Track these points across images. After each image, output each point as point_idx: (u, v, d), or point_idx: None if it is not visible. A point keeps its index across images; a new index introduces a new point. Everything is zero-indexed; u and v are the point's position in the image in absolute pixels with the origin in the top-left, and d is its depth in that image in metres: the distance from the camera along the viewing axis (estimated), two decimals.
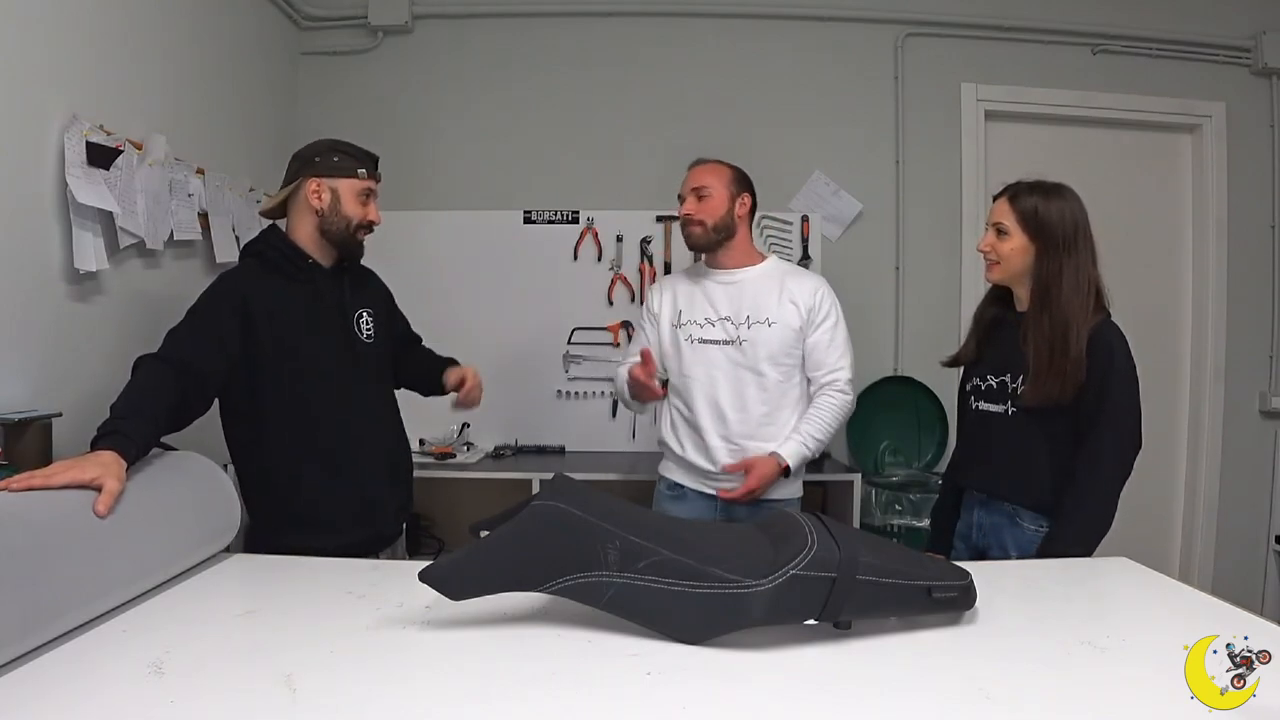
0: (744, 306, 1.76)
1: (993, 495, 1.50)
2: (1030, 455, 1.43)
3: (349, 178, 1.54)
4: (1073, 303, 1.39)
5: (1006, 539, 1.46)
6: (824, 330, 1.76)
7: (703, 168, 1.83)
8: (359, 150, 1.59)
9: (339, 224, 1.54)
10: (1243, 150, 2.94)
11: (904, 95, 2.89)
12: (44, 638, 0.80)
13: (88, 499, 0.93)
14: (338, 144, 1.58)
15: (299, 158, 1.58)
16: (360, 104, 2.87)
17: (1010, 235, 1.46)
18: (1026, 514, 1.44)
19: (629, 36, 2.89)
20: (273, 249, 1.54)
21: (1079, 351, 1.36)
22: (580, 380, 2.83)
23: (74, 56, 1.70)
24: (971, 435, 1.58)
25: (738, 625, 0.83)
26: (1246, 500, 2.96)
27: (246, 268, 1.54)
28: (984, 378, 1.53)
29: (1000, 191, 1.52)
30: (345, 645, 0.85)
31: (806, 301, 1.75)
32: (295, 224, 1.56)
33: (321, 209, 1.53)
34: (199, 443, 1.74)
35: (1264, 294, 2.96)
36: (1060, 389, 1.37)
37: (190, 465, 1.22)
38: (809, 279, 1.82)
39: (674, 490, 1.82)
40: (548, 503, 0.86)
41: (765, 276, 1.80)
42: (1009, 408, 1.46)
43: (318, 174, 1.53)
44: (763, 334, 1.73)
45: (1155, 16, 2.91)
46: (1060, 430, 1.41)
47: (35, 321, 1.60)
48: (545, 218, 2.86)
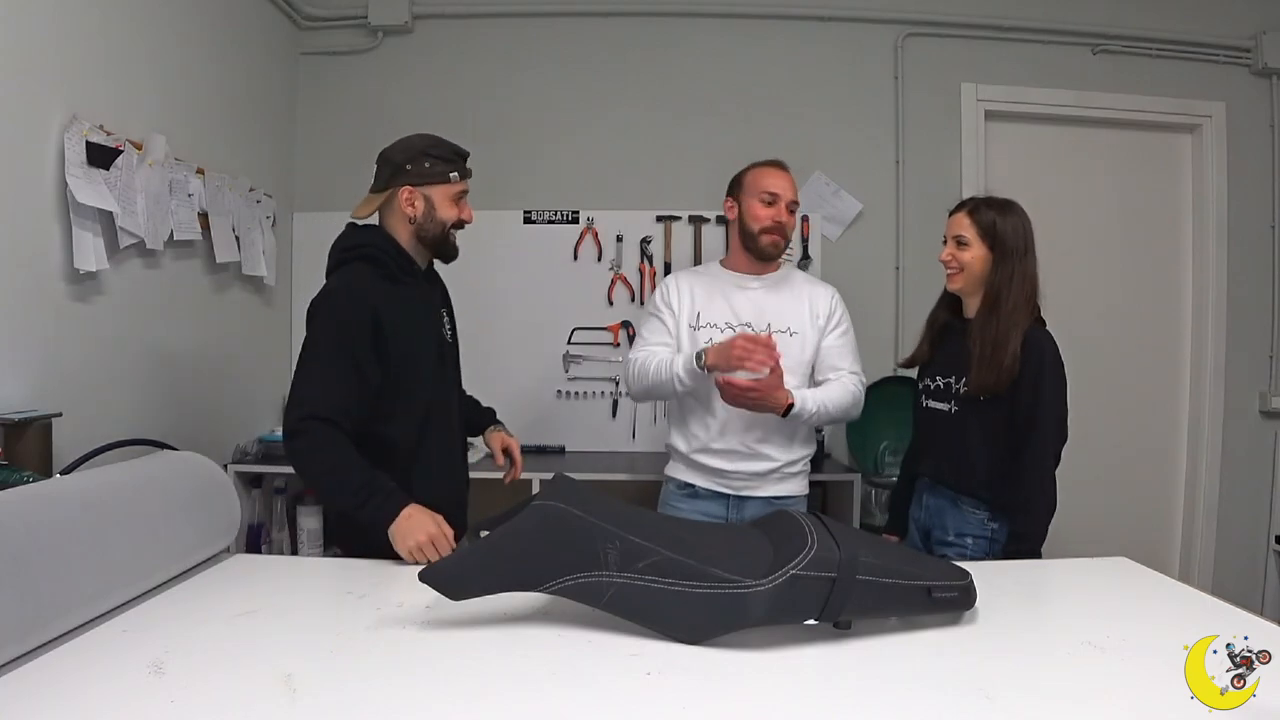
0: (766, 314, 1.76)
1: (937, 482, 1.68)
2: (969, 448, 1.60)
3: (442, 183, 1.51)
4: (1019, 308, 1.56)
5: (948, 520, 1.64)
6: (837, 335, 1.78)
7: (789, 176, 1.80)
8: (449, 151, 1.55)
9: (434, 229, 1.52)
10: (1243, 150, 2.94)
11: (904, 95, 2.88)
12: (44, 638, 0.80)
13: (87, 499, 0.93)
14: (429, 147, 1.53)
15: (390, 163, 1.52)
16: (360, 104, 2.87)
17: (970, 246, 1.61)
18: (966, 499, 1.61)
19: (629, 36, 2.89)
20: (385, 254, 1.50)
21: (1014, 350, 1.52)
22: (580, 380, 2.83)
23: (74, 56, 1.70)
24: (922, 430, 1.76)
25: (738, 625, 0.83)
26: (1246, 500, 2.96)
27: (359, 273, 1.47)
28: (933, 378, 1.70)
29: (956, 207, 1.68)
30: (345, 645, 0.85)
31: (824, 309, 1.78)
32: (392, 229, 1.53)
33: (416, 216, 1.51)
34: (199, 443, 1.74)
35: (1264, 294, 2.96)
36: (995, 380, 1.53)
37: (190, 465, 1.22)
38: (824, 287, 1.84)
39: (685, 489, 1.81)
40: (548, 503, 0.87)
41: (784, 283, 1.81)
42: (952, 406, 1.64)
43: (410, 183, 1.50)
44: (783, 343, 1.71)
45: (1155, 16, 2.91)
46: (995, 425, 1.57)
47: (35, 321, 1.60)
48: (545, 218, 2.86)
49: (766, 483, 1.75)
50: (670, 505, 1.82)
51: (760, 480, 1.75)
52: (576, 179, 2.87)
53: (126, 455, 1.19)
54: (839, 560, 0.84)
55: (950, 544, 1.61)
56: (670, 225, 2.80)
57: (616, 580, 0.83)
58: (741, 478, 1.74)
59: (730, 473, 1.75)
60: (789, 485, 1.78)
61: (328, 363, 1.37)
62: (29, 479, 1.15)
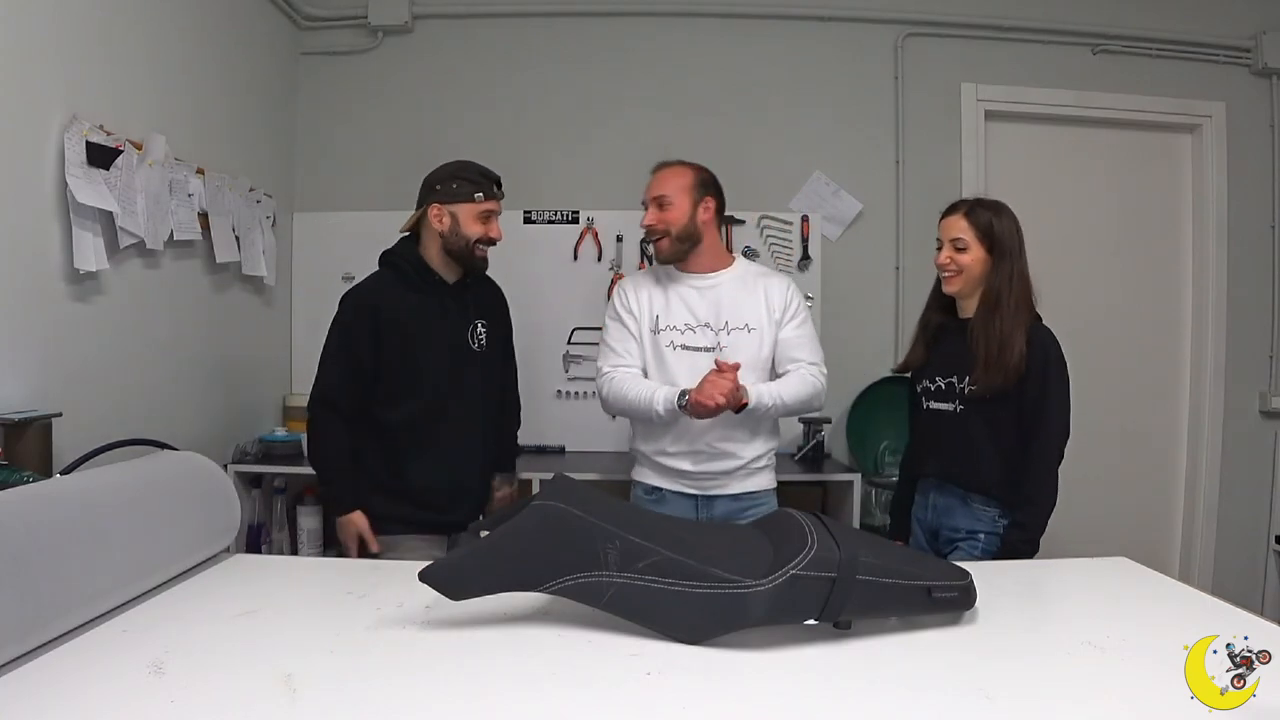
0: (722, 312, 1.74)
1: (946, 481, 1.68)
2: (976, 445, 1.60)
3: (467, 202, 1.74)
4: (1020, 307, 1.58)
5: (958, 518, 1.64)
6: (794, 326, 1.75)
7: (664, 173, 1.79)
8: (478, 174, 1.78)
9: (459, 243, 1.75)
10: (1243, 150, 2.94)
11: (904, 95, 2.88)
12: (44, 638, 0.80)
13: (87, 499, 0.93)
14: (459, 170, 1.78)
15: (426, 184, 1.79)
16: (360, 104, 2.87)
17: (969, 248, 1.62)
18: (976, 496, 1.62)
19: (629, 36, 2.89)
20: (405, 261, 1.78)
21: (1020, 348, 1.54)
22: (580, 380, 2.83)
23: (74, 56, 1.70)
24: (924, 431, 1.75)
25: (738, 625, 0.83)
26: (1246, 500, 2.96)
27: (380, 278, 1.80)
28: (933, 380, 1.70)
29: (948, 210, 1.69)
30: (345, 645, 0.85)
31: (779, 301, 1.75)
32: (425, 242, 1.79)
33: (443, 231, 1.74)
34: (199, 443, 1.74)
35: (1264, 294, 2.96)
36: (1004, 379, 1.55)
37: (190, 465, 1.22)
38: (779, 278, 1.82)
39: (652, 494, 1.79)
40: (548, 503, 0.86)
41: (739, 280, 1.78)
42: (957, 406, 1.64)
43: (439, 200, 1.74)
44: (742, 340, 1.72)
45: (1155, 16, 2.91)
46: (1001, 422, 1.58)
47: (35, 321, 1.60)
48: (545, 218, 2.85)
49: (733, 480, 1.75)
50: None
51: (726, 478, 1.74)
52: (576, 179, 2.87)
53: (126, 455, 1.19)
54: (839, 560, 0.84)
55: (962, 540, 1.61)
56: None
57: (616, 580, 0.83)
58: (707, 477, 1.74)
59: (695, 473, 1.74)
60: (756, 480, 1.77)
61: (333, 358, 1.75)
62: (29, 479, 1.15)
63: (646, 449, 1.79)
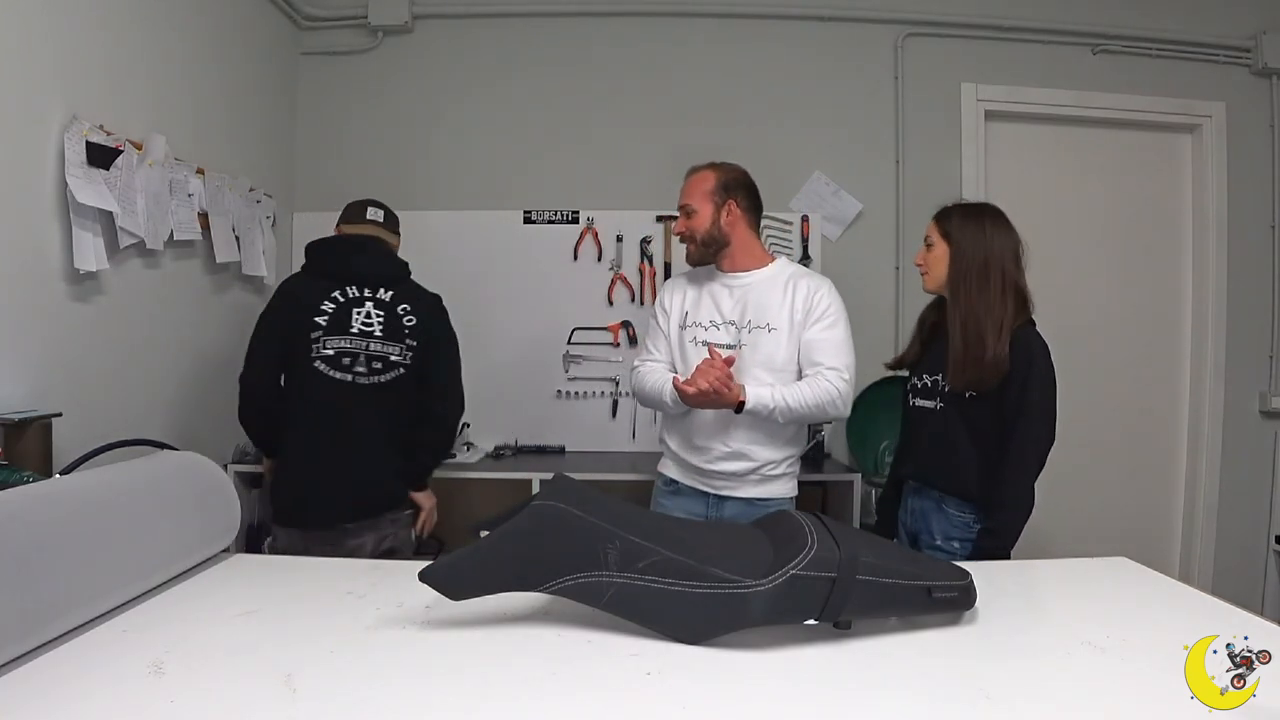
0: (748, 311, 1.74)
1: (923, 483, 1.67)
2: (954, 446, 1.58)
3: None
4: (992, 306, 1.54)
5: (933, 524, 1.62)
6: (819, 329, 1.70)
7: (690, 180, 1.81)
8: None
9: None
10: (1243, 150, 2.94)
11: (904, 95, 2.89)
12: (44, 638, 0.80)
13: (87, 499, 0.93)
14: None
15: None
16: (360, 104, 2.87)
17: (935, 246, 1.65)
18: (951, 500, 1.60)
19: (629, 36, 2.89)
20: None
21: (997, 348, 1.51)
22: (580, 380, 2.83)
23: (74, 56, 1.70)
24: (909, 430, 1.74)
25: (738, 625, 0.83)
26: (1246, 500, 2.96)
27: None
28: (920, 377, 1.71)
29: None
30: (345, 645, 0.84)
31: (803, 303, 1.72)
32: None
33: None
34: (199, 443, 1.74)
35: (1264, 294, 2.96)
36: (978, 376, 1.53)
37: (190, 465, 1.22)
38: (813, 280, 1.76)
39: (670, 486, 1.83)
40: (548, 503, 0.86)
41: (771, 280, 1.77)
42: (937, 403, 1.64)
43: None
44: (761, 339, 1.71)
45: (1155, 16, 2.91)
46: (981, 423, 1.56)
47: (35, 321, 1.60)
48: (545, 218, 2.86)
49: (745, 484, 1.73)
50: (658, 502, 1.84)
51: (738, 481, 1.73)
52: (576, 179, 2.87)
53: (126, 455, 1.19)
54: (839, 560, 0.84)
55: (938, 549, 1.58)
56: (670, 225, 2.80)
57: (616, 580, 0.83)
58: (719, 476, 1.74)
59: (707, 471, 1.74)
60: (772, 487, 1.74)
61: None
62: (29, 479, 1.15)
63: (670, 442, 1.83)
